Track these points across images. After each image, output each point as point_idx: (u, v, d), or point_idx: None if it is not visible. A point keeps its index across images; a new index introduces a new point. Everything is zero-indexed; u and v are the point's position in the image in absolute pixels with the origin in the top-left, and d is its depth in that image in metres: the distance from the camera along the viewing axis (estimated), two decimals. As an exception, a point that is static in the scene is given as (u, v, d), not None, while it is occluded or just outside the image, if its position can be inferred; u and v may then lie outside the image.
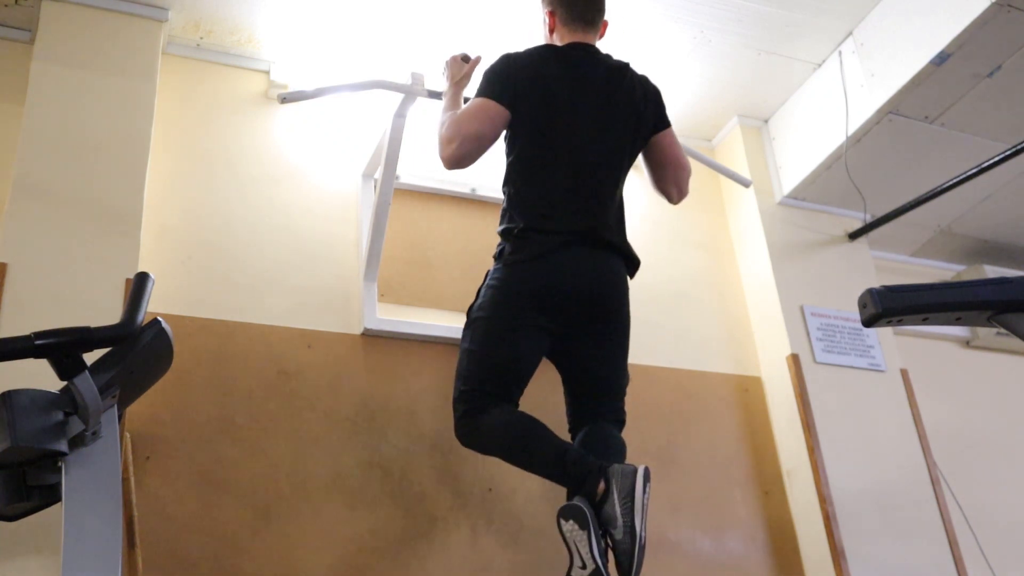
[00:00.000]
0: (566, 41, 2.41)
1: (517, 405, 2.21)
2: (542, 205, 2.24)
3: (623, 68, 2.41)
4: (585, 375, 2.30)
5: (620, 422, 2.30)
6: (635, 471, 1.96)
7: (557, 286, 2.19)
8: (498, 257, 2.30)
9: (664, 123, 2.44)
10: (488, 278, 2.30)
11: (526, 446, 2.12)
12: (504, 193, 2.35)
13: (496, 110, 2.25)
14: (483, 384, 2.18)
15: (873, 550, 2.91)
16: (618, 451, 2.20)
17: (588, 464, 2.01)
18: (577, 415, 2.30)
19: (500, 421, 2.15)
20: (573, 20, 2.41)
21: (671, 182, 2.45)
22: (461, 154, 2.23)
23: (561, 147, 2.28)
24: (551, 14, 2.45)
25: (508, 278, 2.23)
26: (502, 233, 2.30)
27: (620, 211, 2.37)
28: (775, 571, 2.92)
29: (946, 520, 3.07)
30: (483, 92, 2.29)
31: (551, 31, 2.46)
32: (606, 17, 2.47)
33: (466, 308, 2.33)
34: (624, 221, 2.38)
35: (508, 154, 2.35)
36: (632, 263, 2.36)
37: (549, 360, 2.33)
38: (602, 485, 1.97)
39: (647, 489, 1.95)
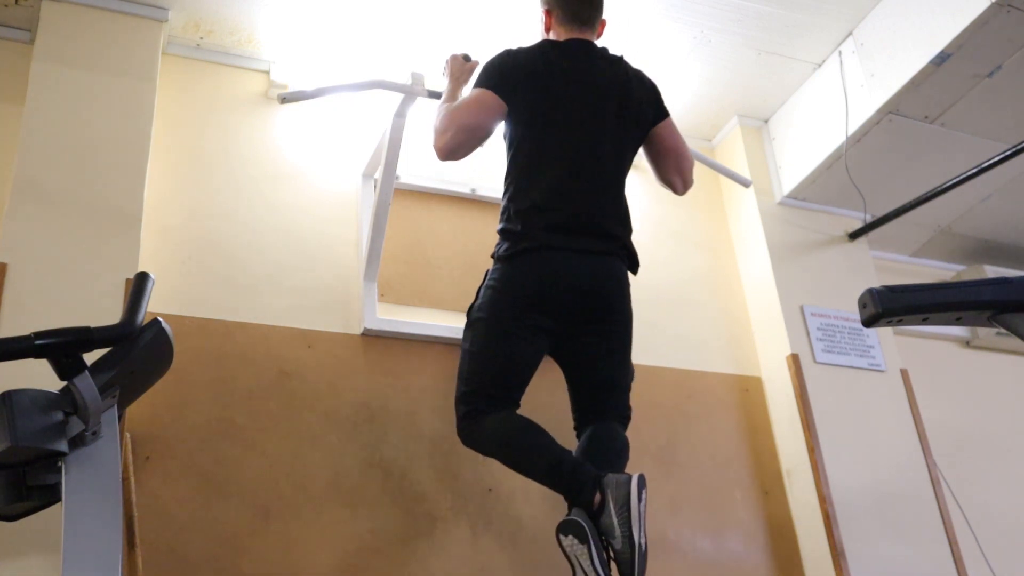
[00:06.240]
0: (563, 38, 2.39)
1: (518, 406, 2.21)
2: (539, 196, 2.21)
3: (619, 61, 2.41)
4: (587, 373, 2.28)
5: (625, 418, 2.29)
6: (629, 480, 1.95)
7: (555, 284, 2.18)
8: (496, 255, 2.28)
9: (663, 113, 2.44)
10: (487, 278, 2.29)
11: (524, 453, 2.12)
12: (504, 189, 2.32)
13: (493, 100, 2.24)
14: (484, 386, 2.18)
15: (873, 550, 2.91)
16: (619, 452, 2.20)
17: (584, 475, 2.00)
18: (581, 413, 2.29)
19: (500, 426, 2.14)
20: (570, 19, 2.40)
21: (674, 172, 2.46)
22: (455, 145, 2.21)
23: (560, 139, 2.26)
24: (548, 12, 2.44)
25: (506, 277, 2.22)
26: (500, 231, 2.28)
27: (622, 203, 2.34)
28: (775, 571, 2.92)
29: (946, 520, 3.07)
30: (481, 84, 2.28)
31: (547, 30, 2.45)
32: (604, 17, 2.46)
33: (466, 308, 2.34)
34: (628, 215, 2.34)
35: (508, 150, 2.33)
36: (633, 259, 2.34)
37: (552, 358, 2.32)
38: (598, 496, 1.97)
39: (643, 497, 1.94)
